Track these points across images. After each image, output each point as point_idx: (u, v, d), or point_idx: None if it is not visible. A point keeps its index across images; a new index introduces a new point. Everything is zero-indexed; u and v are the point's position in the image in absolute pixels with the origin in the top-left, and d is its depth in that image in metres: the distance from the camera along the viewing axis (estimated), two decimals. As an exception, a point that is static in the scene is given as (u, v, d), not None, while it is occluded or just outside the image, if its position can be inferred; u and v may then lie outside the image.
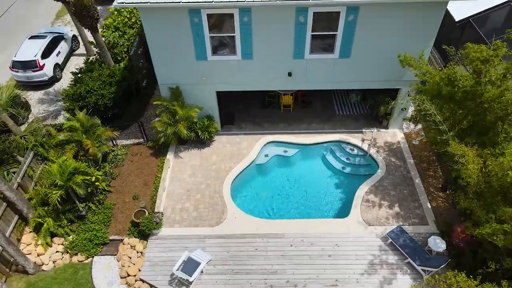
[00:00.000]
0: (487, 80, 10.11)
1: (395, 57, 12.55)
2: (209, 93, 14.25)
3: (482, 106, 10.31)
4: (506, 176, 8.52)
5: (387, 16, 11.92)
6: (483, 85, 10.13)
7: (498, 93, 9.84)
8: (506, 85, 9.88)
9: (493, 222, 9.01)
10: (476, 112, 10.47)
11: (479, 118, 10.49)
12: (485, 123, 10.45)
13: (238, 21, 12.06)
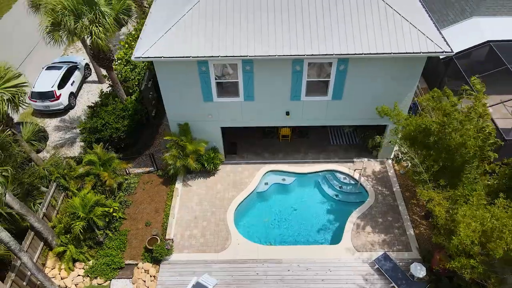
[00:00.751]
0: (451, 130, 11.53)
1: (383, 98, 14.02)
2: (215, 128, 15.69)
3: (450, 151, 11.76)
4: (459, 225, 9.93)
5: (374, 66, 13.37)
6: (448, 134, 11.58)
7: (462, 140, 11.27)
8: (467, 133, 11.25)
9: (462, 257, 10.43)
10: (446, 156, 11.92)
11: (449, 161, 11.93)
12: (454, 165, 11.90)
13: (241, 69, 13.51)
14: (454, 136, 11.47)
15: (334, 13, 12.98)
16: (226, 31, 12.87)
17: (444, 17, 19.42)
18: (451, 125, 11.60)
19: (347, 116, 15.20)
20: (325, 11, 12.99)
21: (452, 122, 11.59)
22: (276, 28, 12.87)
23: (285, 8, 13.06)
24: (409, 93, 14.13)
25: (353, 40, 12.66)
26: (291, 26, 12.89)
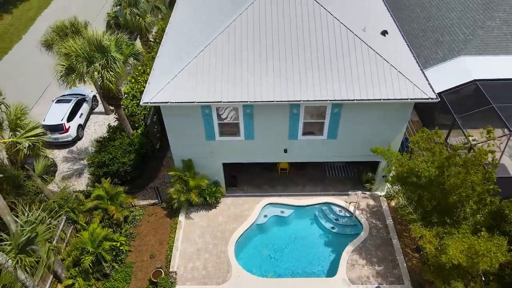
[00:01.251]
0: (448, 174, 12.36)
1: (375, 138, 14.96)
2: (216, 164, 16.57)
3: (444, 191, 12.57)
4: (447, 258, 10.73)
5: (366, 110, 14.35)
6: (446, 176, 12.40)
7: (460, 182, 12.07)
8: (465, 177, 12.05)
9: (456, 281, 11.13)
10: (439, 195, 12.74)
11: (442, 200, 12.75)
12: (446, 204, 12.72)
13: (241, 112, 14.47)
14: (453, 180, 12.13)
15: (328, 63, 14.01)
16: (228, 78, 13.87)
17: (434, 55, 20.51)
18: (450, 170, 12.28)
19: (342, 153, 16.10)
20: (320, 61, 14.03)
21: (451, 167, 12.33)
22: (274, 76, 13.89)
23: (283, 57, 14.11)
24: (398, 134, 15.08)
25: (346, 87, 13.65)
26: (288, 74, 13.91)
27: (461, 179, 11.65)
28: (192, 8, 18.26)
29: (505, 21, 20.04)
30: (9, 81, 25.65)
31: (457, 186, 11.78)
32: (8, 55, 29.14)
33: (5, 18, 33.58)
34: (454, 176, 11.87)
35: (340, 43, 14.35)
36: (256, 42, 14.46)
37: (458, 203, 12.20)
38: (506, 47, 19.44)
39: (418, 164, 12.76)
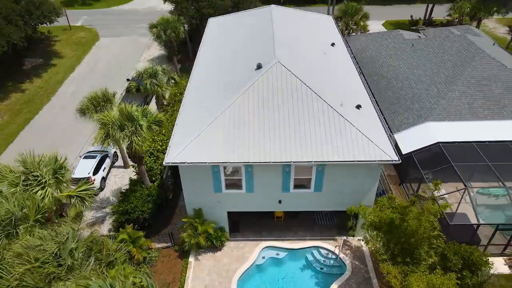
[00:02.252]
0: (408, 219, 15.55)
1: (353, 192, 18.28)
2: (222, 212, 19.73)
3: (406, 236, 15.69)
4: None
5: (344, 169, 17.80)
6: (406, 223, 15.57)
7: (415, 228, 15.24)
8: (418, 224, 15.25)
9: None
10: (403, 239, 15.82)
11: (405, 243, 15.81)
12: (408, 247, 15.77)
13: (243, 170, 17.92)
14: (411, 223, 15.35)
15: (313, 131, 17.70)
16: (233, 144, 17.48)
17: (406, 120, 24.35)
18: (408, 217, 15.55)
19: (327, 204, 19.35)
20: (306, 130, 17.73)
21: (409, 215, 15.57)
22: (270, 142, 17.51)
23: (277, 127, 17.83)
24: (372, 189, 18.42)
25: (327, 151, 17.20)
26: (281, 140, 17.54)
27: (416, 225, 14.82)
28: (203, 83, 22.41)
29: (463, 92, 24.15)
30: (40, 139, 29.40)
31: (413, 232, 14.94)
32: (38, 115, 33.16)
33: (35, 81, 38.14)
34: (411, 224, 15.06)
35: (322, 116, 18.15)
36: (255, 115, 18.26)
37: (416, 246, 15.27)
38: (464, 114, 23.35)
39: (386, 214, 15.99)
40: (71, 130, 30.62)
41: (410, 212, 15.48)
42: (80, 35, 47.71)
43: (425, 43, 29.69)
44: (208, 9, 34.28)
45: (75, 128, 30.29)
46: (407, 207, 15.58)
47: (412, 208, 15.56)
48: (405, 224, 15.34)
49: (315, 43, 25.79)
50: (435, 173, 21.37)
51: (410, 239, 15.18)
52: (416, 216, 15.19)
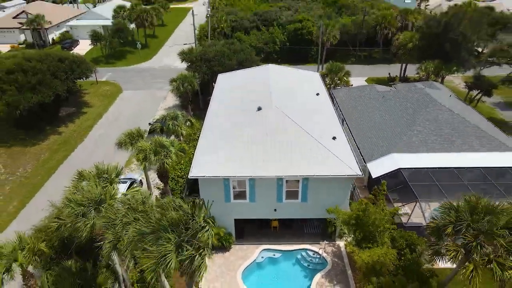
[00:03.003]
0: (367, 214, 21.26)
1: (330, 201, 24.02)
2: (230, 219, 25.31)
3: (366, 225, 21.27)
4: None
5: (323, 183, 23.75)
6: (366, 217, 21.25)
7: (371, 221, 20.88)
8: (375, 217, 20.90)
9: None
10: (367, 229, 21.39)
11: (367, 231, 21.32)
12: (369, 234, 21.26)
13: (247, 183, 23.87)
14: (370, 217, 21.02)
15: (299, 153, 23.92)
16: (240, 164, 23.60)
17: (376, 152, 30.56)
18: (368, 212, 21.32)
19: (312, 212, 25.03)
20: (294, 153, 23.96)
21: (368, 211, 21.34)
22: (268, 161, 23.64)
23: (273, 150, 24.05)
24: (345, 199, 24.23)
25: (311, 169, 23.28)
26: (276, 160, 23.69)
27: (372, 218, 20.57)
28: (216, 120, 29.02)
29: (419, 131, 30.65)
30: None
31: (371, 223, 20.63)
32: (74, 153, 39.48)
33: (69, 126, 44.96)
34: (369, 217, 20.81)
35: (307, 143, 24.46)
36: (256, 142, 24.58)
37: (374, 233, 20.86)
38: (420, 148, 29.63)
39: (352, 212, 21.72)
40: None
41: (369, 209, 21.23)
42: (105, 88, 55.57)
43: (393, 94, 36.87)
44: (217, 67, 42.05)
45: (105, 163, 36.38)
46: (367, 205, 21.36)
47: (370, 207, 21.32)
48: (365, 217, 21.02)
49: (303, 92, 32.89)
50: (397, 191, 27.28)
51: (370, 228, 20.78)
52: (373, 212, 20.93)
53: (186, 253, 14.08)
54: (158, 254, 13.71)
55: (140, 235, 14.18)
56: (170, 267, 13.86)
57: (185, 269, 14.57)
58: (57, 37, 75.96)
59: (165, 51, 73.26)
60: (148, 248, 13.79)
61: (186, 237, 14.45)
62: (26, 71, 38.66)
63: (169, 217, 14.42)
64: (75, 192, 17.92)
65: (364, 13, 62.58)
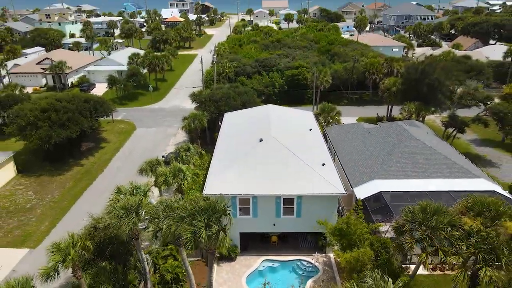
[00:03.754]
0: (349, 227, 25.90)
1: (321, 216, 28.69)
2: (236, 233, 29.80)
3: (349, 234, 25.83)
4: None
5: (313, 200, 28.59)
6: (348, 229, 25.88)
7: (353, 231, 25.49)
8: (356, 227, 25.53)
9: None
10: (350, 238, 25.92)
11: (350, 239, 25.82)
12: (352, 241, 25.75)
13: (251, 201, 28.70)
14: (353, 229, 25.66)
15: (295, 177, 28.96)
16: (245, 184, 28.56)
17: (360, 179, 35.50)
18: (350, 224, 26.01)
19: (305, 226, 29.58)
20: (290, 175, 29.01)
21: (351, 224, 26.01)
22: (269, 182, 28.62)
23: (273, 172, 29.10)
24: (333, 215, 28.93)
25: (304, 189, 28.21)
26: (275, 182, 28.66)
27: (353, 230, 25.25)
28: (225, 150, 34.26)
29: (398, 161, 35.83)
30: (99, 196, 40.20)
31: (353, 232, 25.27)
32: (95, 181, 44.39)
33: (90, 159, 50.17)
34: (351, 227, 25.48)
35: (300, 168, 29.55)
36: (258, 168, 29.66)
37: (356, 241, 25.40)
38: (398, 175, 34.65)
39: (338, 225, 26.39)
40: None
41: (350, 222, 25.92)
42: (121, 126, 61.38)
43: (377, 130, 42.46)
44: (224, 106, 48.01)
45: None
46: (349, 219, 26.07)
47: (351, 220, 26.03)
48: (348, 229, 25.67)
49: (298, 127, 38.46)
50: (378, 210, 32.01)
51: (352, 237, 25.37)
52: (353, 224, 25.64)
53: (214, 229, 18.93)
54: (193, 230, 18.58)
55: (180, 218, 18.96)
56: (202, 238, 18.64)
57: (212, 243, 19.30)
58: (76, 81, 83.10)
59: (173, 93, 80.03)
60: (186, 226, 18.67)
61: (213, 218, 19.35)
62: (58, 110, 44.48)
63: (200, 205, 19.30)
64: (116, 201, 22.74)
65: (354, 61, 69.81)
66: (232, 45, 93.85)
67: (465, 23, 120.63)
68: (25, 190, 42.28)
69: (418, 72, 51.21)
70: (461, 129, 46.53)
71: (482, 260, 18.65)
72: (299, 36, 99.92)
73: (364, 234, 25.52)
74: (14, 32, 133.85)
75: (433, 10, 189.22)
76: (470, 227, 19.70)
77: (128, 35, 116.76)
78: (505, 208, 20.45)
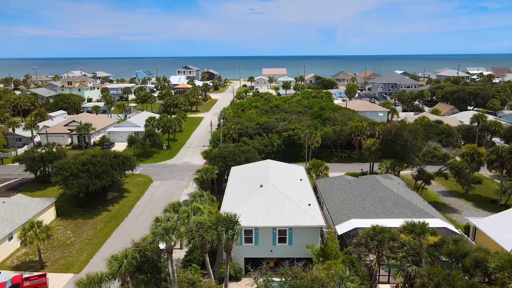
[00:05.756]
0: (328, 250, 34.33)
1: (307, 243, 37.14)
2: (241, 258, 38.02)
3: (329, 256, 34.16)
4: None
5: (301, 230, 37.26)
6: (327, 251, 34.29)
7: (330, 250, 33.85)
8: (332, 249, 33.95)
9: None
10: (329, 257, 34.20)
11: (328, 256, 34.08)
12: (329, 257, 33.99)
13: (253, 231, 37.38)
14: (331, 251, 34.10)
15: (287, 214, 37.94)
16: (249, 219, 37.43)
17: (341, 219, 44.24)
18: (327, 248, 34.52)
19: (296, 252, 37.86)
20: (284, 213, 38.00)
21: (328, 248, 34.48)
22: (267, 218, 37.50)
23: (271, 208, 38.11)
24: (317, 241, 37.41)
25: (294, 222, 37.06)
26: (272, 217, 37.57)
27: (330, 249, 33.73)
28: (232, 194, 43.40)
29: (371, 205, 44.90)
30: (126, 234, 48.51)
31: (329, 252, 33.71)
32: (122, 223, 52.82)
33: (115, 205, 58.94)
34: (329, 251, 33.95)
35: (292, 207, 38.60)
36: (259, 207, 38.73)
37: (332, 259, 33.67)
38: (371, 215, 43.51)
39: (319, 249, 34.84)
40: (145, 230, 50.00)
41: (328, 243, 34.41)
42: (139, 179, 70.79)
43: (356, 181, 51.92)
44: (231, 162, 57.93)
45: (146, 229, 49.78)
46: (327, 241, 34.54)
47: (329, 242, 34.52)
48: (326, 248, 34.11)
49: (291, 177, 47.98)
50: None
51: (330, 257, 33.71)
52: (330, 245, 34.13)
53: (230, 233, 27.82)
54: (216, 233, 27.52)
55: (209, 227, 27.88)
56: (223, 238, 27.53)
57: (229, 242, 28.10)
58: (97, 140, 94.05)
59: (184, 151, 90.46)
60: (213, 231, 27.70)
61: (229, 225, 28.28)
62: (95, 164, 54.32)
63: (221, 218, 28.38)
64: (157, 226, 31.60)
65: (342, 124, 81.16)
66: (235, 110, 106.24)
67: (444, 91, 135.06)
68: (64, 230, 50.68)
69: (391, 134, 61.88)
70: (427, 181, 55.97)
71: (410, 261, 27.12)
72: (295, 102, 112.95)
73: (338, 252, 33.88)
74: (38, 97, 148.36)
75: (418, 79, 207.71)
76: (404, 240, 28.32)
77: (143, 101, 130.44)
78: (427, 228, 29.35)
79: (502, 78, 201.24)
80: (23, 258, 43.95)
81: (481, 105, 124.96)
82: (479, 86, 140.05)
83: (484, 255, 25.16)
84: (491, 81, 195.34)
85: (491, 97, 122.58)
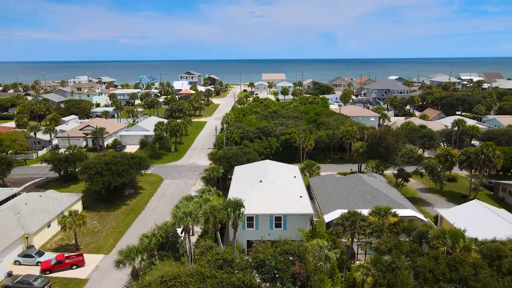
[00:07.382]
0: (315, 231, 42.36)
1: (298, 228, 45.19)
2: (244, 240, 45.99)
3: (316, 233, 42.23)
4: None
5: (293, 217, 45.32)
6: (314, 230, 42.33)
7: (317, 231, 41.86)
8: (319, 230, 41.96)
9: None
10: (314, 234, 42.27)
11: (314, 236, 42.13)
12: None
13: (254, 218, 45.44)
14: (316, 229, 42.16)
15: (282, 204, 46.04)
16: (251, 207, 45.48)
17: (328, 209, 52.25)
18: (315, 230, 42.63)
19: (289, 236, 45.87)
20: (278, 203, 46.10)
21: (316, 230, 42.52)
22: (266, 206, 45.56)
23: (267, 201, 46.21)
24: (306, 226, 45.44)
25: (286, 210, 45.13)
26: (269, 206, 45.65)
27: (317, 230, 41.77)
28: (236, 188, 51.50)
29: (354, 198, 52.98)
30: (144, 225, 56.54)
31: (316, 232, 41.73)
32: (140, 215, 60.84)
33: (132, 200, 66.98)
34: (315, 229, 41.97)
35: (286, 198, 46.68)
36: (258, 197, 46.78)
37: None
38: (353, 206, 51.52)
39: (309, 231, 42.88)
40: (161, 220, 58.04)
41: (316, 226, 42.41)
42: (151, 178, 78.85)
43: (343, 179, 60.04)
44: (234, 162, 66.08)
45: (161, 219, 57.86)
46: (315, 229, 42.53)
47: (316, 226, 42.52)
48: (314, 229, 42.11)
49: (286, 175, 56.13)
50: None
51: (317, 234, 41.67)
52: (317, 228, 42.14)
53: (237, 213, 35.92)
54: (226, 213, 35.66)
55: (220, 208, 36.08)
56: (232, 216, 35.64)
57: (236, 219, 36.28)
58: (110, 143, 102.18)
59: (189, 153, 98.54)
60: (224, 211, 35.85)
61: (236, 207, 36.45)
62: (116, 163, 62.46)
63: (230, 202, 36.55)
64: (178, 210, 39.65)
65: (334, 129, 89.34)
66: (237, 115, 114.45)
67: (434, 97, 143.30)
68: (91, 220, 58.74)
69: (376, 138, 70.02)
70: (406, 179, 64.07)
71: (376, 236, 35.16)
72: (292, 108, 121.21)
73: (323, 234, 41.88)
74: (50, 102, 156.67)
75: (411, 84, 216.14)
76: (371, 221, 36.32)
77: (150, 106, 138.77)
78: (390, 212, 37.45)
79: (491, 84, 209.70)
80: (60, 242, 52.02)
81: (468, 110, 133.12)
82: (466, 92, 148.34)
83: (426, 229, 33.10)
84: (481, 87, 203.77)
85: (477, 103, 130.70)
